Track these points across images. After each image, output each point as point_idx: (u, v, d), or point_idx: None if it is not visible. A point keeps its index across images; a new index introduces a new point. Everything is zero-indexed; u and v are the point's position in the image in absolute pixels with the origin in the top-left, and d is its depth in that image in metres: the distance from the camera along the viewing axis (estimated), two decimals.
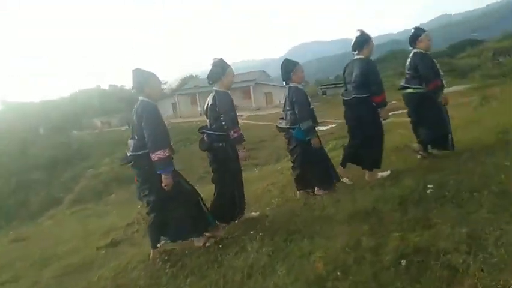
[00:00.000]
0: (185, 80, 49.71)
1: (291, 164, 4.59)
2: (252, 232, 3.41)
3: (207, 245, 3.41)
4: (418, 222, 2.78)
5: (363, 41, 4.38)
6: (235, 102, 3.90)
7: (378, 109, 4.31)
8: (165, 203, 3.38)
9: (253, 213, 4.19)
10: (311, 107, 4.31)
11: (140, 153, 3.30)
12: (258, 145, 19.38)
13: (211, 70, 3.87)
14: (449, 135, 4.60)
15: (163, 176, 3.19)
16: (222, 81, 3.81)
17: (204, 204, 3.60)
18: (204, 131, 3.85)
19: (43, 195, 20.52)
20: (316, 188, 4.38)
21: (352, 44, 4.47)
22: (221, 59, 3.88)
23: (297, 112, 4.15)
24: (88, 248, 4.57)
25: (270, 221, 3.68)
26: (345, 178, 4.57)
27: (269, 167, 11.37)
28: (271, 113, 29.17)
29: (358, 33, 4.44)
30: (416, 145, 4.91)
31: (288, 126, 4.30)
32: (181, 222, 3.43)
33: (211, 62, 3.88)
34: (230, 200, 3.85)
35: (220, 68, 3.82)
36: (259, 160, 15.92)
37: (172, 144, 3.45)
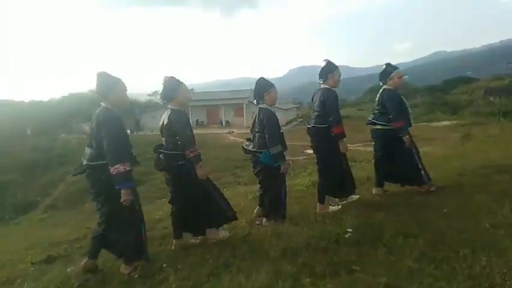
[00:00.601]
0: None
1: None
2: (179, 264, 3.22)
3: (132, 274, 3.20)
4: (341, 266, 2.65)
5: (327, 70, 4.34)
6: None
7: (338, 141, 4.21)
8: (114, 220, 3.24)
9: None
10: (281, 131, 4.19)
11: (97, 163, 3.12)
12: (244, 163, 19.20)
13: (163, 89, 3.74)
14: (421, 171, 4.47)
15: (122, 191, 3.03)
16: (176, 100, 3.68)
17: (144, 233, 3.39)
18: (160, 150, 3.70)
19: (19, 197, 20.01)
20: (264, 219, 4.26)
21: (319, 72, 4.42)
22: (172, 77, 3.76)
23: (267, 136, 4.02)
24: (22, 262, 4.33)
25: (206, 249, 3.51)
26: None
27: (244, 187, 11.18)
28: None
29: (324, 63, 4.41)
30: (376, 190, 4.79)
31: (255, 149, 4.18)
32: (118, 243, 3.28)
33: (163, 80, 3.75)
34: (195, 217, 3.71)
35: (172, 86, 3.70)
36: (241, 179, 15.71)
37: (135, 156, 3.31)
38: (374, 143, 4.89)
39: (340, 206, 4.39)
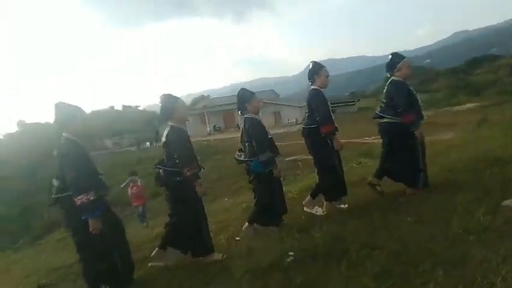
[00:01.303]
0: (196, 100, 50.43)
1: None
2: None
3: None
4: (301, 287, 2.53)
5: (313, 71, 4.31)
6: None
7: (328, 140, 4.17)
8: (85, 250, 3.26)
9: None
10: (269, 136, 4.20)
11: (63, 195, 3.14)
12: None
13: (160, 108, 3.78)
14: (421, 173, 4.25)
15: (89, 220, 3.03)
16: (174, 117, 3.68)
17: (119, 257, 3.36)
18: (159, 166, 3.72)
19: (46, 218, 20.68)
20: (244, 225, 4.24)
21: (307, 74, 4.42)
22: (169, 94, 3.80)
23: (254, 144, 4.04)
24: None
25: (176, 272, 3.46)
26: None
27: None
28: (278, 132, 28.85)
29: (310, 65, 4.38)
30: (372, 178, 4.57)
31: (246, 159, 4.19)
32: (92, 273, 3.30)
33: (159, 99, 3.78)
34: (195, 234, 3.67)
35: (168, 104, 3.72)
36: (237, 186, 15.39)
37: (103, 182, 3.33)
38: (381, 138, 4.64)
39: (325, 212, 4.33)
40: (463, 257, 2.42)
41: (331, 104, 4.40)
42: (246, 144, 4.17)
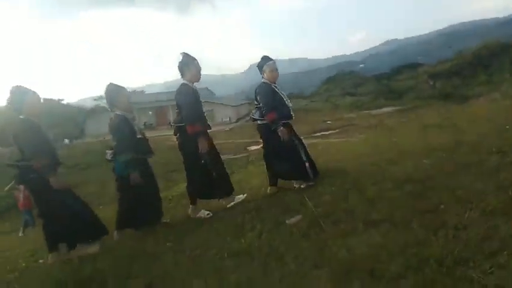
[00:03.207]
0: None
1: None
2: None
3: None
4: None
5: (183, 64, 4.14)
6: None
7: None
8: None
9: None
10: (139, 136, 4.06)
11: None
12: (180, 166, 18.80)
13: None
14: (306, 164, 4.28)
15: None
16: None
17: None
18: (12, 163, 3.57)
19: None
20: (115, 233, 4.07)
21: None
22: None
23: (115, 144, 3.96)
24: None
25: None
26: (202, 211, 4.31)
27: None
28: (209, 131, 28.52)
29: (180, 57, 4.17)
30: (270, 188, 4.59)
31: (109, 158, 4.06)
32: None
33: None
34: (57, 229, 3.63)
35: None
36: (173, 183, 15.21)
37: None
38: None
39: (210, 213, 4.21)
40: None
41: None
42: (114, 144, 4.04)
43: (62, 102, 47.88)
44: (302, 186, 4.29)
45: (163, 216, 4.38)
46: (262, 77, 4.46)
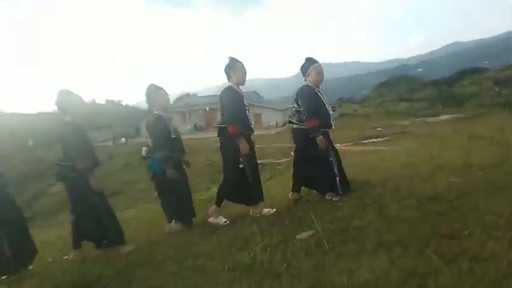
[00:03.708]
0: (181, 98, 50.03)
1: None
2: None
3: None
4: None
5: (228, 68, 4.12)
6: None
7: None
8: None
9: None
10: (173, 136, 4.13)
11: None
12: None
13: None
14: (337, 179, 4.07)
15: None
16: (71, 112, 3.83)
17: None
18: (57, 162, 3.84)
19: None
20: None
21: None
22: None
23: (151, 142, 4.09)
24: None
25: None
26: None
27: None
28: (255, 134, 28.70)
29: (227, 61, 4.17)
30: (291, 194, 4.49)
31: (146, 155, 4.20)
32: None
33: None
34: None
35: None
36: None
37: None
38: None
39: (228, 222, 4.10)
40: None
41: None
42: (150, 141, 4.19)
43: (121, 103, 50.98)
44: (335, 199, 4.02)
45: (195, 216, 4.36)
46: (305, 80, 4.28)
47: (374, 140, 24.68)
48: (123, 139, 37.37)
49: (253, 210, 4.17)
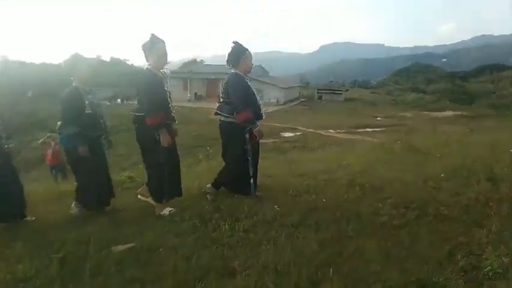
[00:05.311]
0: (187, 64, 49.17)
1: None
2: None
3: None
4: None
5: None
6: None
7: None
8: None
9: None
10: (87, 111, 3.82)
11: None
12: (215, 142, 18.84)
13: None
14: (251, 179, 3.88)
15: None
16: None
17: None
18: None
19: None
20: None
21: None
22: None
23: (61, 116, 3.86)
24: None
25: None
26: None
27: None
28: None
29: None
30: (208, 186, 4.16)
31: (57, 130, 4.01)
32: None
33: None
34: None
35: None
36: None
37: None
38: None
39: (174, 210, 3.67)
40: None
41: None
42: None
43: (126, 62, 50.26)
44: (257, 193, 3.92)
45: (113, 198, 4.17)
46: (230, 66, 3.95)
47: (368, 129, 24.08)
48: (119, 100, 36.89)
49: (158, 207, 3.73)
